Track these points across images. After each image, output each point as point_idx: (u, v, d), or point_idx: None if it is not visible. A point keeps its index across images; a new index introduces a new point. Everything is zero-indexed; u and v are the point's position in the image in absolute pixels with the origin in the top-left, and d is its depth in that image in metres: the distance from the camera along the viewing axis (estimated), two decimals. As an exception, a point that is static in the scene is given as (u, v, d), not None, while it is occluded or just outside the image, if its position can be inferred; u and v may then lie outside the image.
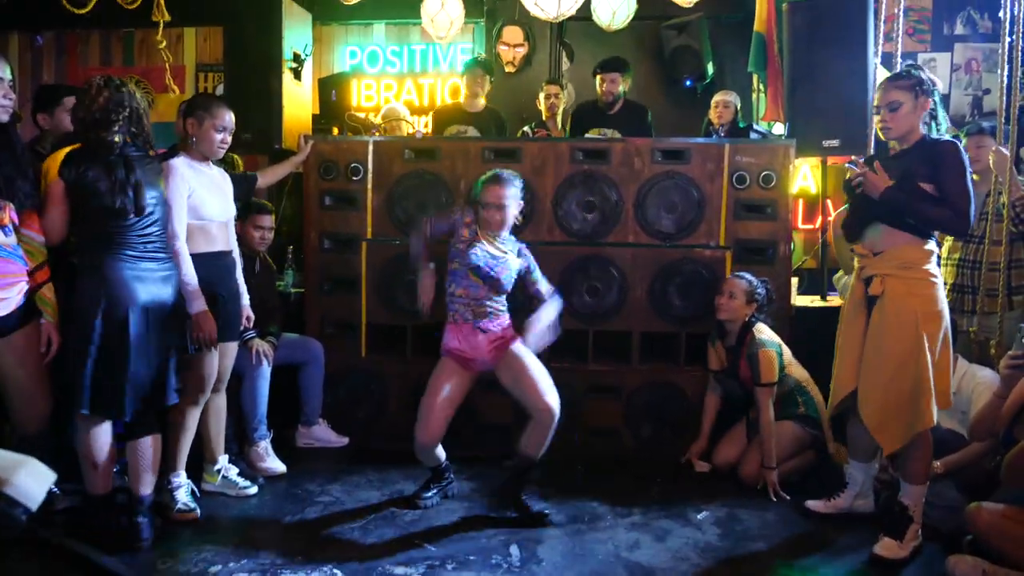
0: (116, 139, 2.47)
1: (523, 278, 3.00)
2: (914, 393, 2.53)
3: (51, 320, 2.49)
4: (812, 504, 2.96)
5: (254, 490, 3.07)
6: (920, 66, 2.71)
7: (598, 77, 4.47)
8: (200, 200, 2.76)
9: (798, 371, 3.36)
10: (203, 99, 3.10)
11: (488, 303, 2.92)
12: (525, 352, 2.90)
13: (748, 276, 3.39)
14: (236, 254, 3.02)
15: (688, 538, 2.76)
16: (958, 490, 2.79)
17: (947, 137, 2.64)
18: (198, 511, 2.82)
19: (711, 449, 3.50)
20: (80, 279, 2.48)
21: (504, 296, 2.97)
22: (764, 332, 3.30)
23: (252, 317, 3.12)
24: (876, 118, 2.67)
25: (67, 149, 2.50)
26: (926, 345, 2.52)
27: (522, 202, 2.99)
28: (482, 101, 4.57)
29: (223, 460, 3.08)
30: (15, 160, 2.42)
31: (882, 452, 2.72)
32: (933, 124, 2.64)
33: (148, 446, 2.59)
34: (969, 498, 2.64)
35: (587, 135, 4.37)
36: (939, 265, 2.66)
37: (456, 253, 2.92)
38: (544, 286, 3.03)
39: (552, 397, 2.85)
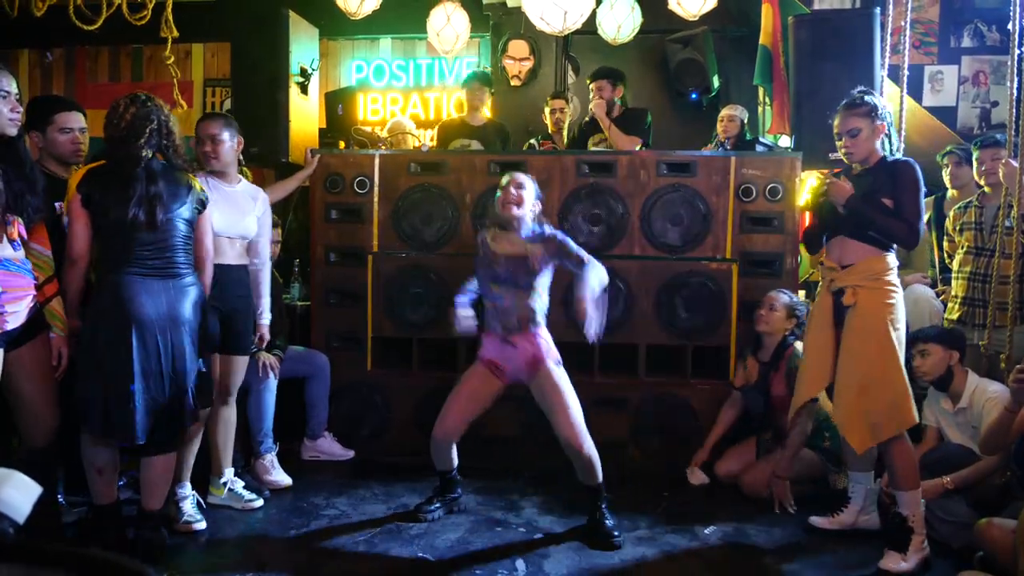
0: (145, 153, 2.48)
1: (561, 263, 2.85)
2: (892, 392, 2.61)
3: (61, 334, 2.50)
4: (816, 520, 2.94)
5: (260, 503, 3.07)
6: (871, 91, 2.86)
7: (590, 87, 4.48)
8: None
9: (825, 403, 3.34)
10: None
11: (515, 314, 2.81)
12: (560, 376, 2.83)
13: (788, 292, 3.41)
14: (260, 270, 3.10)
15: (695, 554, 2.74)
16: (968, 506, 2.76)
17: (903, 157, 2.80)
18: (203, 523, 2.81)
19: (713, 461, 3.47)
20: (92, 295, 2.50)
21: (535, 299, 2.84)
22: (801, 348, 3.28)
23: (266, 337, 3.15)
24: (838, 144, 2.80)
25: (91, 164, 2.53)
26: (898, 349, 2.63)
27: (539, 202, 2.95)
28: (485, 114, 4.59)
29: (229, 473, 3.07)
30: (24, 175, 2.43)
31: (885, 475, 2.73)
32: (887, 143, 2.78)
33: (161, 463, 2.59)
34: (979, 514, 2.61)
35: (590, 147, 4.37)
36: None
37: (479, 266, 2.93)
38: (576, 259, 2.80)
39: (575, 428, 2.78)
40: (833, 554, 2.74)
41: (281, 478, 3.32)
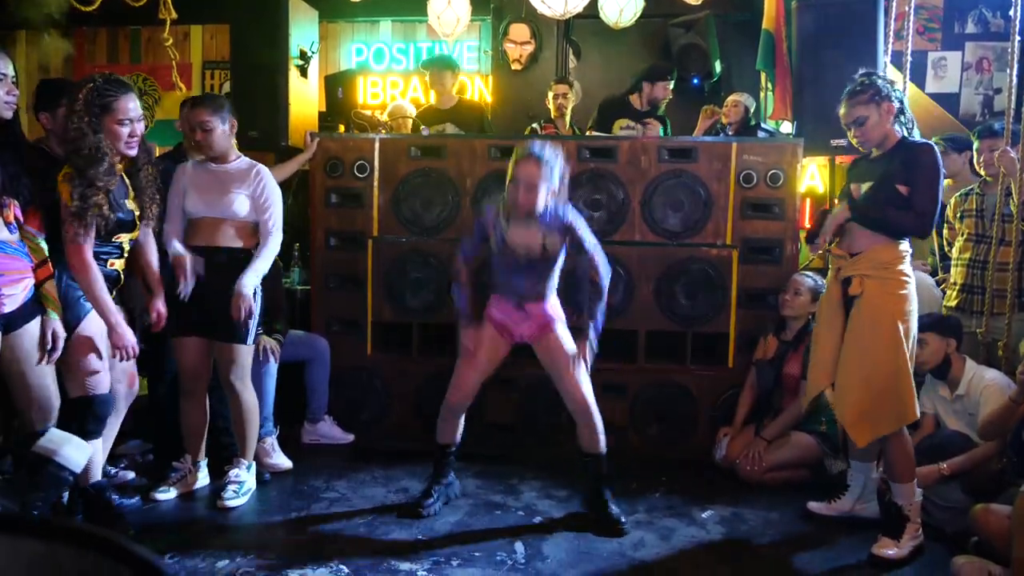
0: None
1: (573, 247, 2.78)
2: (896, 386, 2.57)
3: (54, 317, 2.50)
4: (814, 506, 2.96)
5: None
6: (873, 72, 2.78)
7: (659, 84, 4.44)
8: (187, 197, 2.89)
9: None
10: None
11: (532, 290, 2.79)
12: (567, 338, 2.83)
13: (812, 274, 3.41)
14: (259, 255, 2.92)
15: (692, 537, 2.76)
16: (964, 492, 2.78)
17: (922, 140, 2.71)
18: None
19: (711, 446, 3.49)
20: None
21: (552, 276, 2.82)
22: None
23: (244, 307, 2.84)
24: (848, 133, 2.73)
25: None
26: (904, 342, 2.58)
27: (560, 181, 2.72)
28: (453, 96, 4.57)
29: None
30: (19, 157, 2.43)
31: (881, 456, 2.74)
32: (903, 120, 2.68)
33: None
34: (975, 500, 2.63)
35: (616, 131, 4.33)
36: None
37: (494, 251, 2.81)
38: (585, 251, 2.77)
39: (583, 389, 2.81)
40: (829, 539, 2.76)
41: (281, 461, 3.34)
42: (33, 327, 2.43)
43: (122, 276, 2.67)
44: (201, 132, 2.88)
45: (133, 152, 2.58)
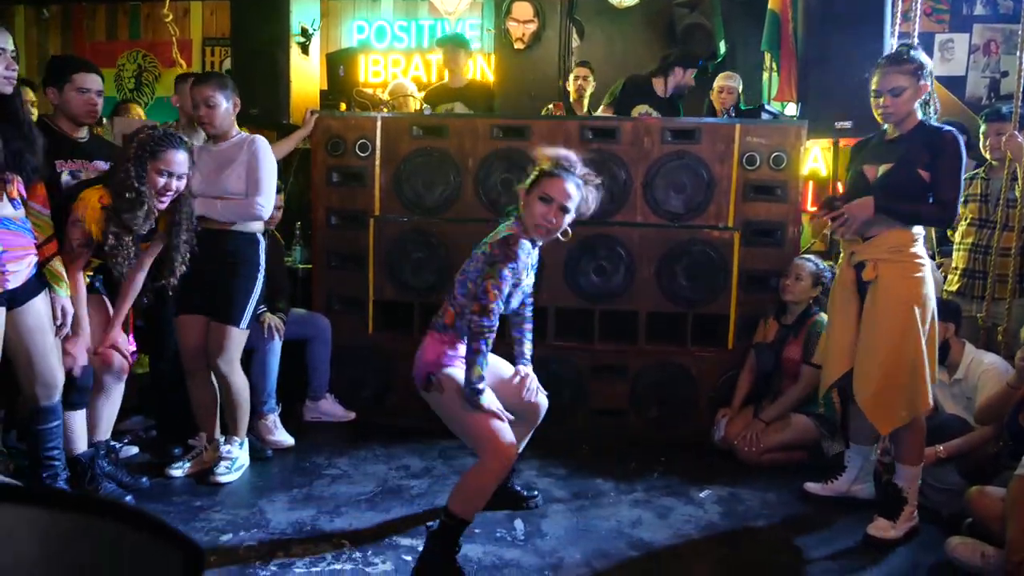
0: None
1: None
2: (911, 375, 2.54)
3: (63, 294, 2.51)
4: (810, 486, 2.98)
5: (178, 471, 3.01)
6: (917, 46, 2.65)
7: (690, 71, 4.37)
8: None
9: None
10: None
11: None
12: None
13: (814, 259, 3.40)
14: (254, 230, 2.95)
15: (690, 516, 2.79)
16: (959, 474, 2.80)
17: (947, 126, 2.61)
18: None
19: (710, 427, 3.52)
20: None
21: None
22: (825, 318, 3.30)
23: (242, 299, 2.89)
24: (874, 101, 2.61)
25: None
26: (920, 327, 2.53)
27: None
28: (465, 76, 4.54)
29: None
30: (22, 134, 2.42)
31: (883, 436, 2.74)
32: (927, 108, 2.59)
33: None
34: (970, 482, 2.66)
35: (635, 111, 4.30)
36: (926, 246, 2.67)
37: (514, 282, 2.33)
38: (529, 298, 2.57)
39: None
40: (825, 520, 2.79)
41: (284, 438, 3.36)
42: (37, 303, 2.44)
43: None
44: (205, 108, 2.88)
45: (162, 205, 2.62)
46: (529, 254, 2.39)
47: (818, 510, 2.87)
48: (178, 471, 2.98)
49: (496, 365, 2.52)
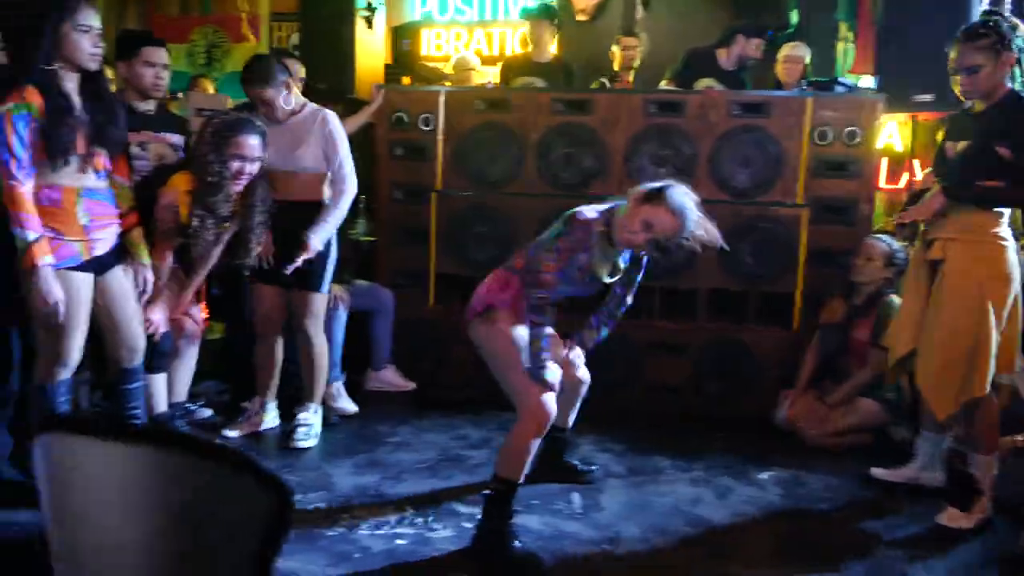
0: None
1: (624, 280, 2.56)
2: (969, 360, 2.45)
3: (144, 263, 2.63)
4: (877, 472, 2.90)
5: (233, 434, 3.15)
6: (999, 13, 2.47)
7: (754, 41, 4.25)
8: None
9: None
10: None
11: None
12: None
13: (887, 239, 3.30)
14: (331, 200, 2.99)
15: (750, 497, 2.76)
16: (1039, 465, 2.69)
17: None
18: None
19: (772, 408, 3.46)
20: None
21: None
22: (898, 301, 3.21)
23: (305, 253, 2.91)
24: (953, 78, 2.48)
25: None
26: (991, 312, 2.42)
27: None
28: (550, 51, 4.47)
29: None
30: (105, 108, 2.52)
31: (956, 424, 2.65)
32: (1016, 72, 2.41)
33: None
34: (1051, 474, 2.55)
35: (697, 85, 4.20)
36: (1011, 226, 2.53)
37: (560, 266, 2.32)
38: (624, 294, 2.59)
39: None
40: (892, 506, 2.72)
41: (348, 405, 3.47)
42: (120, 271, 2.57)
43: None
44: (264, 106, 2.94)
45: (238, 188, 2.77)
46: (604, 251, 2.35)
47: (884, 496, 2.80)
48: (232, 432, 3.13)
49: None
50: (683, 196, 2.28)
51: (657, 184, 2.31)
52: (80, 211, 2.38)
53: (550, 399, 2.28)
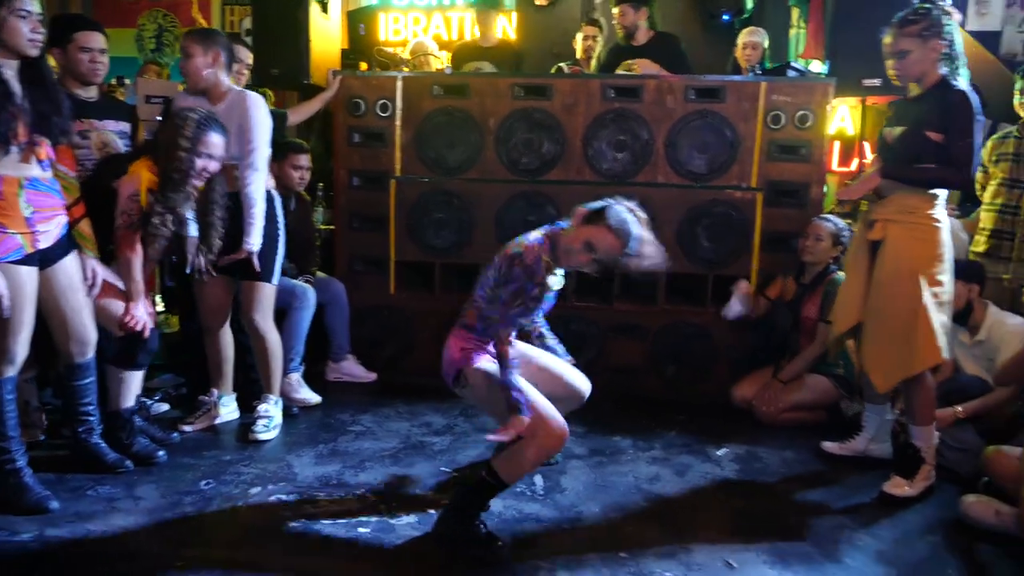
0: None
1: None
2: (906, 337, 2.55)
3: (93, 255, 2.57)
4: (827, 445, 3.01)
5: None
6: (933, 3, 2.55)
7: (614, 13, 4.30)
8: None
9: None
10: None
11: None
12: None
13: (833, 219, 3.39)
14: (244, 188, 2.87)
15: (707, 473, 2.83)
16: (978, 434, 2.81)
17: (960, 86, 2.52)
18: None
19: (729, 386, 3.54)
20: None
21: None
22: (843, 277, 3.30)
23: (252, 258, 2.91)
24: (887, 63, 2.59)
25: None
26: (925, 289, 2.52)
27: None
28: (495, 36, 4.51)
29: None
30: (48, 96, 2.44)
31: (900, 396, 2.76)
32: (949, 60, 2.51)
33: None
34: (988, 442, 2.67)
35: (618, 71, 4.25)
36: (945, 209, 2.63)
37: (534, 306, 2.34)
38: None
39: None
40: (841, 478, 2.82)
41: (309, 396, 3.44)
42: (68, 263, 2.50)
43: None
44: (184, 57, 2.87)
45: (198, 184, 2.71)
46: (553, 274, 2.34)
47: (835, 468, 2.90)
48: (189, 426, 3.09)
49: (531, 353, 2.53)
50: (625, 214, 2.24)
51: (599, 203, 2.27)
52: (23, 202, 2.31)
53: (555, 416, 2.22)
